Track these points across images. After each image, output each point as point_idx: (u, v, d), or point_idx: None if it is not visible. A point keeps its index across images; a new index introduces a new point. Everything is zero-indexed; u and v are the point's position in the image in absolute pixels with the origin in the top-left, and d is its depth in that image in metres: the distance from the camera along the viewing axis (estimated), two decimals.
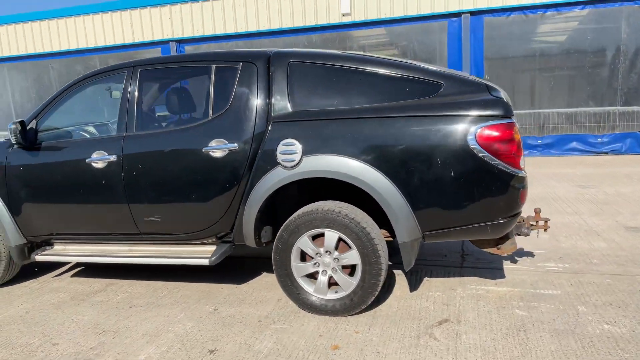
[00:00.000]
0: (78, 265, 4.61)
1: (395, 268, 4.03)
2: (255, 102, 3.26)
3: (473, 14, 9.49)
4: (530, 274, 3.74)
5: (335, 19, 10.33)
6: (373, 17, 10.05)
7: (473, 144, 2.81)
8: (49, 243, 4.02)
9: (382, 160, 2.96)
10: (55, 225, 3.81)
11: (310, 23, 10.52)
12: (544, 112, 9.55)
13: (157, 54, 11.78)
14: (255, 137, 3.21)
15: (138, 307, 3.61)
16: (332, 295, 3.22)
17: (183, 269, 4.22)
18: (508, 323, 3.01)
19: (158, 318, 3.40)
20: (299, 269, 3.25)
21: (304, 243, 3.19)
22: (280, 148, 3.14)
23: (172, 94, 3.64)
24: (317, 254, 3.20)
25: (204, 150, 3.28)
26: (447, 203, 2.93)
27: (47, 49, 12.68)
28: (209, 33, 11.24)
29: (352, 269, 3.17)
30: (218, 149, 3.26)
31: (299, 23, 10.59)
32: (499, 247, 3.24)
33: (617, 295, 3.30)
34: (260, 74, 3.29)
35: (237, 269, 4.22)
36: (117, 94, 3.84)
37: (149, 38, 11.73)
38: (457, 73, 3.17)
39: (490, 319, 3.08)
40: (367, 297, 3.12)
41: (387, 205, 2.99)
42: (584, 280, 3.58)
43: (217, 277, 4.06)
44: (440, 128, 2.88)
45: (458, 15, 9.58)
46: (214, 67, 3.41)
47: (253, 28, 10.93)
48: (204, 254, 3.48)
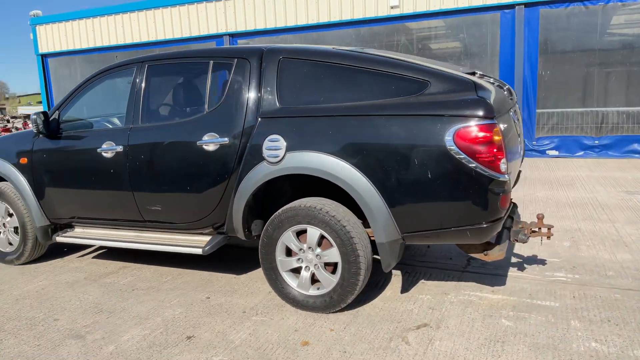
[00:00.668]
0: (101, 248, 4.91)
1: (394, 268, 3.96)
2: (247, 97, 3.31)
3: (528, 5, 9.00)
4: (533, 283, 3.54)
5: (384, 12, 10.18)
6: (422, 9, 9.80)
7: (450, 145, 2.70)
8: (71, 226, 4.31)
9: (361, 159, 2.92)
10: (73, 210, 4.08)
11: (359, 16, 10.43)
12: (603, 110, 8.90)
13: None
14: (245, 132, 3.27)
15: (139, 290, 3.80)
16: (313, 292, 3.22)
17: (192, 257, 4.38)
18: (489, 333, 2.88)
19: (153, 302, 3.56)
20: (284, 264, 3.28)
21: (288, 238, 3.21)
22: (266, 144, 3.18)
23: (174, 88, 3.78)
24: (300, 250, 3.22)
25: (198, 144, 3.38)
26: (424, 204, 2.84)
27: (113, 42, 13.47)
28: (260, 27, 11.46)
29: (334, 267, 3.16)
30: (211, 143, 3.35)
31: (347, 16, 10.53)
32: (486, 253, 3.10)
33: (619, 312, 3.06)
34: (253, 70, 3.34)
35: (242, 260, 4.32)
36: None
37: (205, 32, 12.14)
38: (446, 70, 3.05)
39: (472, 327, 2.96)
40: (346, 295, 3.10)
41: (364, 204, 2.95)
42: (590, 293, 3.34)
43: (220, 266, 4.18)
44: (419, 128, 2.79)
45: (512, 7, 9.12)
46: (212, 62, 3.50)
47: (302, 22, 11.00)
48: (199, 244, 3.60)
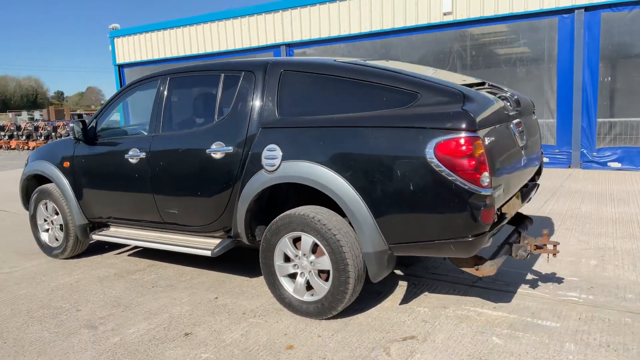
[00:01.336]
0: (136, 246, 5.27)
1: (402, 279, 3.95)
2: (250, 108, 3.47)
3: (588, 9, 8.52)
4: (541, 302, 3.40)
5: (437, 18, 10.05)
6: (476, 14, 9.56)
7: (431, 157, 2.69)
8: (107, 225, 4.69)
9: (348, 170, 2.98)
10: (106, 210, 4.45)
11: (411, 23, 10.37)
12: None
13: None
14: (248, 141, 3.43)
15: (158, 287, 4.07)
16: (308, 298, 3.31)
17: (212, 258, 4.59)
18: (474, 350, 2.82)
19: (166, 299, 3.80)
20: (282, 269, 3.39)
21: (285, 245, 3.32)
22: (265, 153, 3.32)
23: (190, 99, 4.02)
24: (296, 256, 3.31)
25: (207, 152, 3.59)
26: (407, 216, 2.84)
27: (181, 53, 14.29)
28: (315, 37, 11.69)
29: (328, 274, 3.23)
30: (218, 151, 3.54)
31: (400, 24, 10.50)
32: (477, 267, 3.02)
33: (623, 337, 2.87)
34: (257, 82, 3.49)
35: (258, 263, 4.47)
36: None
37: (263, 42, 12.58)
38: (437, 81, 3.02)
39: (459, 343, 2.91)
40: (336, 303, 3.16)
41: (350, 214, 3.00)
42: (599, 316, 3.16)
43: (237, 268, 4.37)
44: (402, 140, 2.80)
45: (570, 11, 8.68)
46: (223, 75, 3.70)
47: (355, 31, 11.11)
48: (210, 246, 3.80)
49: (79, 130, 4.32)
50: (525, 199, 3.66)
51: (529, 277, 3.87)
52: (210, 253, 3.73)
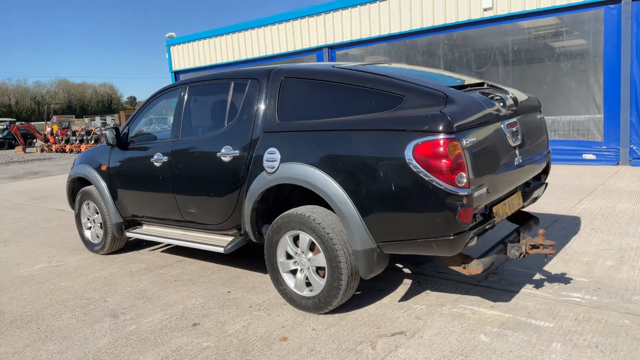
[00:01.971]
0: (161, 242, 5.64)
1: (409, 277, 4.03)
2: (255, 114, 3.68)
3: None
4: (541, 302, 3.38)
5: (477, 15, 9.87)
6: (517, 9, 9.31)
7: (409, 159, 2.78)
8: (140, 223, 5.08)
9: (337, 171, 3.11)
10: (136, 209, 4.82)
11: (451, 20, 10.25)
12: None
13: (312, 61, 12.84)
14: (252, 144, 3.64)
15: (180, 281, 4.38)
16: (307, 293, 3.47)
17: (232, 255, 4.87)
18: (457, 346, 2.88)
19: (185, 292, 4.10)
20: (284, 265, 3.58)
21: (285, 242, 3.51)
22: (266, 156, 3.52)
23: (205, 106, 4.29)
24: (296, 254, 3.49)
25: (218, 155, 3.84)
26: (391, 216, 2.94)
27: (231, 59, 14.84)
28: (356, 38, 11.80)
29: (324, 271, 3.38)
30: (227, 154, 3.79)
31: (440, 21, 10.40)
32: (464, 266, 3.05)
33: (616, 339, 2.82)
34: (262, 89, 3.70)
35: None
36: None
37: (307, 45, 12.83)
38: (424, 84, 3.09)
39: (445, 340, 2.97)
40: (331, 299, 3.30)
41: (340, 213, 3.13)
42: (596, 317, 3.10)
43: (254, 265, 4.60)
44: (385, 142, 2.90)
45: (617, 1, 8.27)
46: (233, 83, 3.94)
47: (395, 30, 11.11)
48: (223, 243, 4.05)
49: (112, 137, 4.72)
50: (528, 198, 3.63)
51: (537, 277, 3.83)
52: (223, 250, 3.98)
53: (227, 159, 3.79)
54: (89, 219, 5.45)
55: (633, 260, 4.02)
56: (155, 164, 4.40)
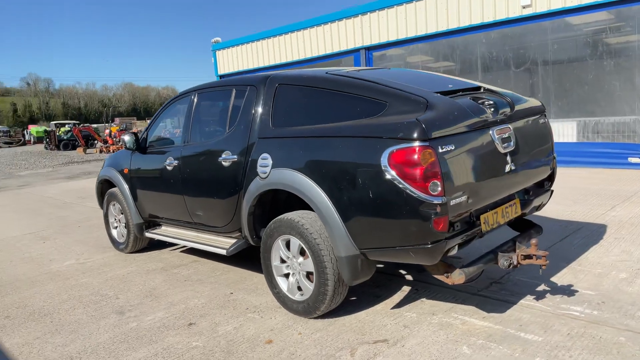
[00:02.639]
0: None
1: (409, 284, 3.98)
2: (251, 120, 3.76)
3: None
4: (536, 314, 3.25)
5: (515, 12, 9.53)
6: (557, 6, 8.92)
7: (385, 166, 2.75)
8: (160, 224, 5.29)
9: (321, 177, 3.13)
10: (153, 211, 5.03)
11: (489, 19, 9.95)
12: None
13: (349, 63, 12.84)
14: (248, 150, 3.72)
15: (189, 281, 4.53)
16: (298, 297, 3.51)
17: (243, 256, 4.97)
18: (437, 357, 2.83)
19: (190, 292, 4.24)
20: (278, 269, 3.63)
21: (278, 247, 3.56)
22: (260, 161, 3.59)
23: (210, 113, 4.41)
24: (288, 258, 3.54)
25: (219, 160, 3.95)
26: (369, 222, 2.93)
27: (272, 62, 15.08)
28: (393, 38, 11.69)
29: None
30: (227, 159, 3.89)
31: (477, 20, 10.13)
32: (447, 275, 2.98)
33: (605, 357, 2.68)
34: (259, 96, 3.77)
35: None
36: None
37: (344, 47, 12.85)
38: (408, 90, 3.05)
39: (426, 349, 2.92)
40: (318, 304, 3.33)
41: (324, 220, 3.14)
42: (592, 333, 2.95)
43: (260, 267, 4.68)
44: (363, 149, 2.89)
45: None
46: (234, 90, 4.04)
47: (432, 29, 10.92)
48: (226, 245, 4.16)
49: (130, 141, 4.95)
50: (529, 206, 3.49)
51: (541, 288, 3.69)
52: (226, 252, 4.09)
53: (227, 164, 3.90)
54: (115, 219, 5.73)
55: None
56: (168, 168, 4.57)
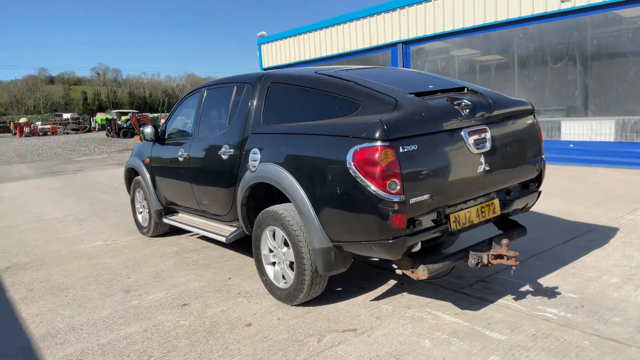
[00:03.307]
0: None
1: (396, 277, 4.07)
2: (247, 116, 3.97)
3: None
4: (509, 314, 3.28)
5: (553, 7, 9.22)
6: (596, 0, 8.55)
7: (349, 163, 2.88)
8: (177, 211, 5.63)
9: (300, 172, 3.29)
10: (169, 198, 5.37)
11: (526, 13, 9.67)
12: None
13: (387, 58, 12.82)
14: (243, 144, 3.94)
15: (196, 265, 4.83)
16: (282, 285, 3.70)
17: (249, 244, 5.21)
18: (396, 348, 2.94)
19: (193, 276, 4.53)
20: (266, 258, 3.84)
21: (266, 237, 3.77)
22: (250, 155, 3.79)
23: (215, 108, 4.65)
24: (275, 248, 3.74)
25: (219, 153, 4.20)
26: (337, 217, 3.06)
27: (313, 56, 15.26)
28: (430, 32, 11.57)
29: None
30: (225, 153, 4.13)
31: (514, 14, 9.86)
32: (413, 270, 3.07)
33: (561, 359, 2.71)
34: (254, 93, 3.97)
35: None
36: None
37: (382, 42, 12.84)
38: (381, 90, 3.14)
39: (389, 340, 3.04)
40: (297, 293, 3.50)
41: (301, 213, 3.30)
42: (558, 335, 2.97)
43: None
44: (333, 147, 3.02)
45: None
46: (235, 87, 4.26)
47: (469, 24, 10.73)
48: (226, 233, 4.41)
49: (149, 133, 5.30)
50: (509, 207, 3.49)
51: (524, 288, 3.69)
52: (225, 239, 4.34)
53: (225, 157, 4.13)
54: (140, 205, 6.14)
55: None
56: (180, 159, 4.88)
